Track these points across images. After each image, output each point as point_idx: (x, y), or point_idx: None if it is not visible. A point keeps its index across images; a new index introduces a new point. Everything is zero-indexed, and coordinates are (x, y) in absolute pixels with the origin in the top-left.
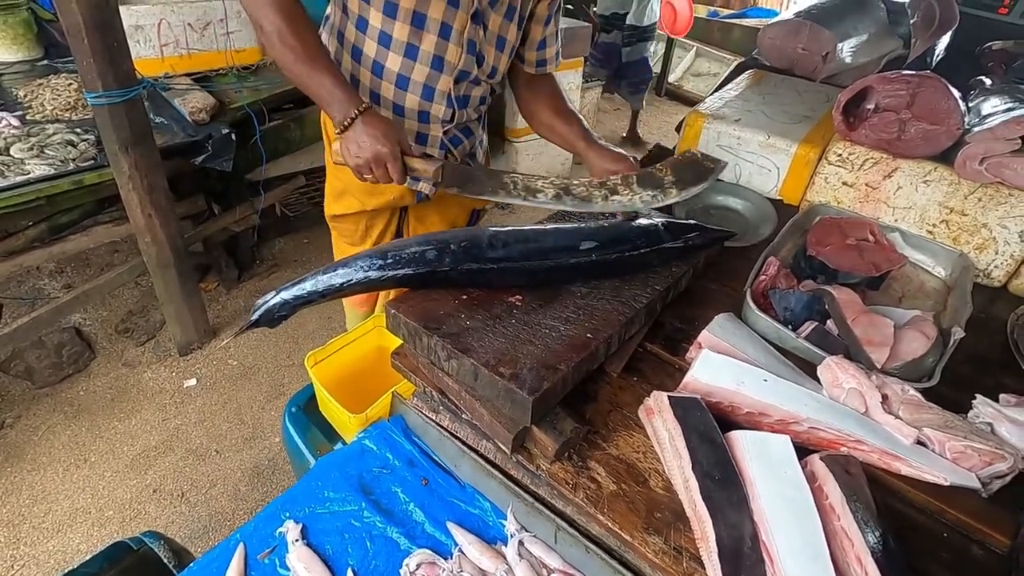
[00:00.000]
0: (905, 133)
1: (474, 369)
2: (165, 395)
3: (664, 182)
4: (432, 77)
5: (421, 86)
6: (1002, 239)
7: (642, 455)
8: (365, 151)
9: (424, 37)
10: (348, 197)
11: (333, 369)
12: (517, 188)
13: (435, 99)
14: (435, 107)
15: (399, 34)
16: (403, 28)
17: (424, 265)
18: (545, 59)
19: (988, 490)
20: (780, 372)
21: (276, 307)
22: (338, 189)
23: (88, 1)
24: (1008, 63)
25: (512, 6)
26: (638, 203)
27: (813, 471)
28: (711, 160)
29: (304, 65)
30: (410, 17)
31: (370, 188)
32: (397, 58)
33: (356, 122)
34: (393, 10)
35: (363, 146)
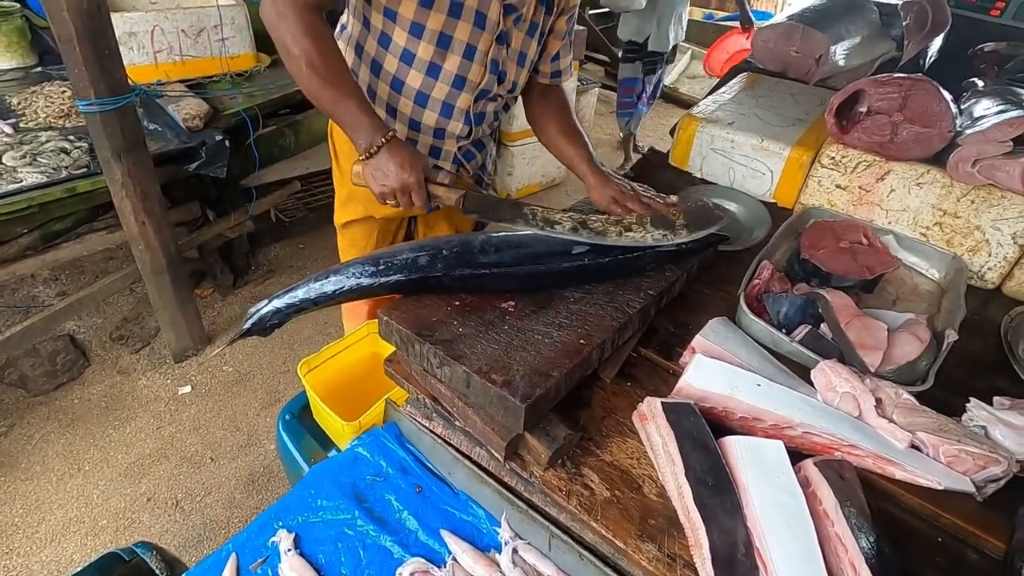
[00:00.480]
0: (897, 136)
1: (466, 376)
2: (160, 403)
3: (676, 224)
4: (452, 95)
5: (440, 103)
6: (995, 241)
7: (636, 461)
8: (390, 180)
9: (448, 57)
10: (354, 203)
11: (327, 376)
12: (536, 219)
13: (453, 116)
14: (452, 124)
15: (423, 53)
16: (428, 48)
17: (416, 271)
18: (560, 70)
19: (983, 494)
20: (774, 376)
21: (268, 315)
22: (343, 196)
23: (80, 10)
24: (1000, 65)
25: (534, 23)
26: (649, 240)
27: (807, 476)
28: (721, 209)
29: (331, 90)
30: (436, 38)
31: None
32: (419, 76)
33: (382, 151)
34: (420, 30)
35: (388, 175)
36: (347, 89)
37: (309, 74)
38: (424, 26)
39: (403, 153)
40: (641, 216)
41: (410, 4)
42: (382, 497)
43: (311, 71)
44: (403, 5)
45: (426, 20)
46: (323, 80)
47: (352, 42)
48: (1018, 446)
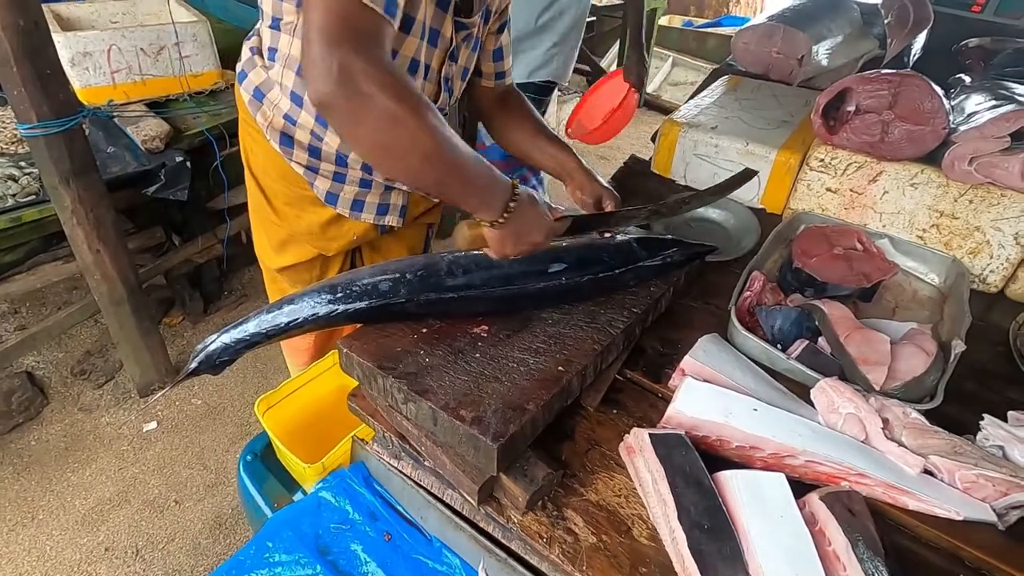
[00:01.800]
0: (888, 135)
1: (432, 413)
2: (123, 441)
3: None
4: None
5: None
6: (996, 242)
7: (624, 499)
8: (535, 236)
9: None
10: (299, 245)
11: (290, 412)
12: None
13: None
14: None
15: None
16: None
17: (378, 297)
18: (504, 71)
19: (1004, 522)
20: (771, 398)
21: (217, 352)
22: (281, 238)
23: (16, 28)
24: (986, 60)
25: (478, 38)
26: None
27: (813, 512)
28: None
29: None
30: (407, 64)
31: (328, 232)
32: None
33: (517, 212)
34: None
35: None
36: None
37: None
38: (399, 52)
39: (538, 207)
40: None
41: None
42: (347, 548)
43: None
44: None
45: (402, 47)
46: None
47: (292, 65)
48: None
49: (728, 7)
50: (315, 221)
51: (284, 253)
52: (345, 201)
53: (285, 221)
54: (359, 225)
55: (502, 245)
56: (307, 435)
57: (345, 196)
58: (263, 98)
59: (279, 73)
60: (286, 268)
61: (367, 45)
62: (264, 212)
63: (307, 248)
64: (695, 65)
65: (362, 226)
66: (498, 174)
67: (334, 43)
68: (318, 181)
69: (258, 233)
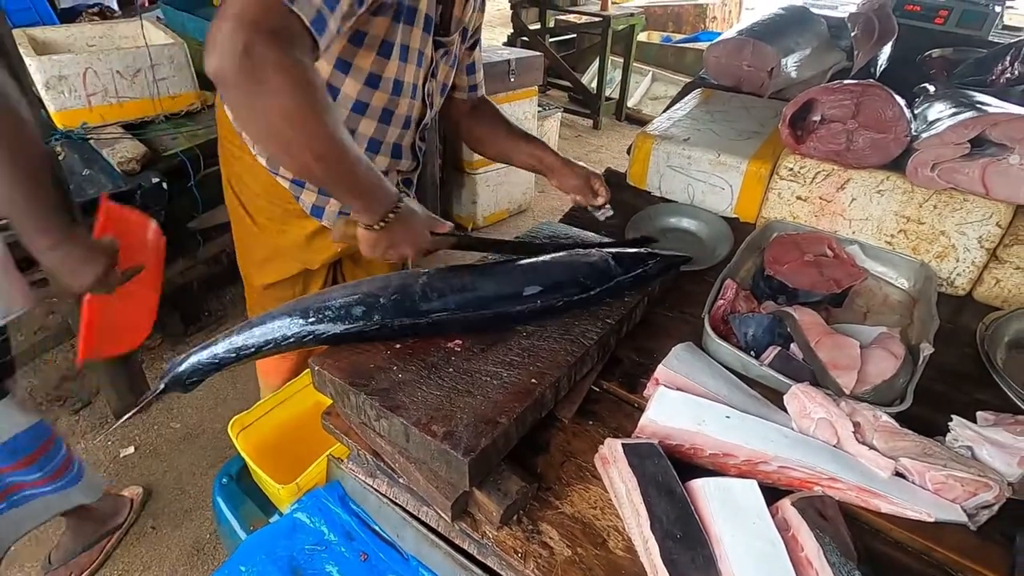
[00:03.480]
0: (853, 143)
1: (404, 429)
2: (99, 467)
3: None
4: (401, 135)
5: (391, 145)
6: (962, 246)
7: (600, 511)
8: (404, 249)
9: (400, 102)
10: (283, 260)
11: (265, 433)
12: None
13: (403, 155)
14: (403, 163)
15: (377, 101)
16: (382, 96)
17: (351, 322)
18: (476, 83)
19: (975, 522)
20: (745, 405)
21: (186, 373)
22: (264, 255)
23: None
24: (949, 69)
25: (456, 54)
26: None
27: (785, 518)
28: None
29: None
30: (391, 86)
31: (312, 245)
32: (372, 123)
33: (396, 222)
34: (377, 81)
35: (402, 244)
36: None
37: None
38: (381, 76)
39: (417, 221)
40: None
41: (368, 55)
42: (323, 569)
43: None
44: (360, 57)
45: (383, 70)
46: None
47: None
48: (1007, 466)
49: (705, 23)
50: (300, 235)
51: (268, 269)
52: (331, 214)
53: (269, 237)
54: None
55: (372, 248)
56: (283, 455)
57: (331, 209)
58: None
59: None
60: (271, 285)
61: (285, 41)
62: (248, 229)
63: (291, 263)
64: (674, 79)
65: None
66: (386, 184)
67: (248, 26)
68: (304, 195)
69: (242, 251)
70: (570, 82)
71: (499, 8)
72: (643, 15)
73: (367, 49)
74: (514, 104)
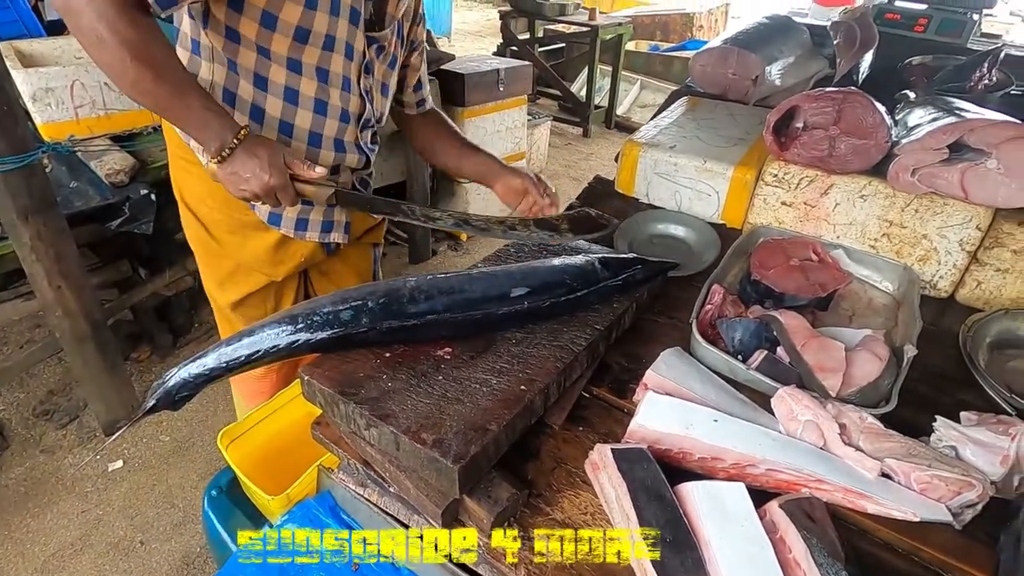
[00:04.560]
0: (836, 149)
1: (394, 437)
2: (87, 482)
3: (560, 227)
4: (341, 130)
5: (333, 140)
6: (943, 249)
7: (590, 516)
8: (252, 183)
9: (331, 92)
10: (245, 275)
11: (254, 444)
12: (416, 213)
13: (347, 150)
14: (348, 157)
15: (307, 89)
16: (311, 84)
17: (339, 327)
18: (424, 98)
19: (960, 521)
20: (732, 409)
21: (176, 388)
22: (228, 270)
23: None
24: (929, 76)
25: (394, 55)
26: (534, 239)
27: (773, 521)
28: (605, 218)
29: (167, 86)
30: (315, 73)
31: (276, 256)
32: (308, 114)
33: (237, 151)
34: (298, 66)
35: (249, 178)
36: (186, 83)
37: (137, 68)
38: (301, 61)
39: (261, 151)
40: (524, 219)
41: (284, 40)
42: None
43: (139, 63)
44: (276, 41)
45: (302, 55)
46: (156, 74)
47: (217, 89)
48: (990, 465)
49: (692, 32)
50: (261, 247)
51: (233, 285)
52: (289, 220)
53: (230, 251)
54: (305, 246)
55: (226, 183)
56: (273, 467)
57: (288, 215)
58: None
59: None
60: (239, 303)
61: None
62: (206, 245)
63: (256, 276)
64: (662, 87)
65: (308, 247)
66: (218, 112)
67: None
68: (204, 160)
69: (204, 271)
70: (559, 91)
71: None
72: (631, 24)
73: (280, 35)
74: (504, 113)
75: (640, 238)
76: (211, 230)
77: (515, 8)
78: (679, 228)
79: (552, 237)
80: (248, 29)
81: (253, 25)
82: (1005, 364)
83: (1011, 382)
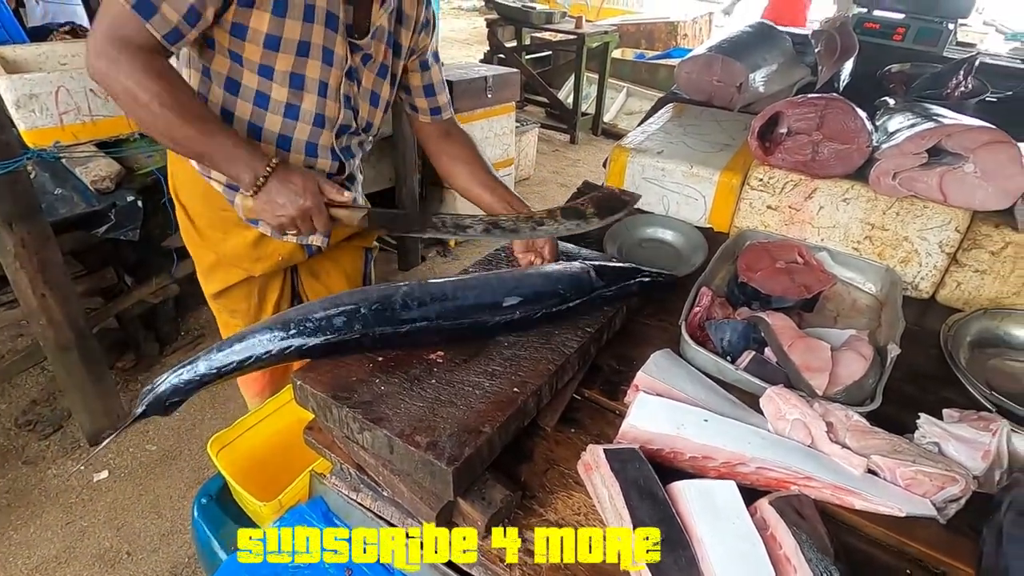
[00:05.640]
0: (819, 154)
1: (388, 440)
2: (71, 493)
3: (586, 213)
4: (314, 134)
5: (304, 143)
6: (924, 251)
7: (583, 517)
8: (288, 209)
9: (305, 97)
10: (225, 268)
11: (245, 451)
12: (447, 226)
13: (319, 155)
14: (320, 162)
15: (278, 95)
16: (282, 90)
17: (332, 332)
18: (438, 106)
19: (944, 515)
20: (722, 409)
21: (166, 394)
22: (210, 261)
23: None
24: (908, 83)
25: (384, 65)
26: (563, 231)
27: (764, 517)
28: (628, 194)
29: (195, 127)
30: (287, 79)
31: (254, 253)
32: (277, 119)
33: (271, 180)
34: (269, 72)
35: (285, 204)
36: (212, 123)
37: (166, 115)
38: (273, 68)
39: (295, 177)
40: (551, 210)
41: (255, 48)
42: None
43: (167, 110)
44: (247, 49)
45: (274, 62)
46: (183, 118)
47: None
48: (972, 461)
49: (676, 40)
50: (240, 243)
51: (214, 277)
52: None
53: (211, 244)
54: (284, 246)
55: (262, 213)
56: (264, 474)
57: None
58: None
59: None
60: (219, 294)
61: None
62: (192, 239)
63: (235, 270)
64: (648, 95)
65: (287, 247)
66: (247, 146)
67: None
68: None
69: (195, 262)
70: (547, 98)
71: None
72: (617, 33)
73: (251, 43)
74: (492, 120)
75: (629, 242)
76: (195, 221)
77: (502, 16)
78: (667, 232)
79: (579, 226)
80: (222, 37)
81: (225, 34)
82: (985, 362)
83: (991, 379)
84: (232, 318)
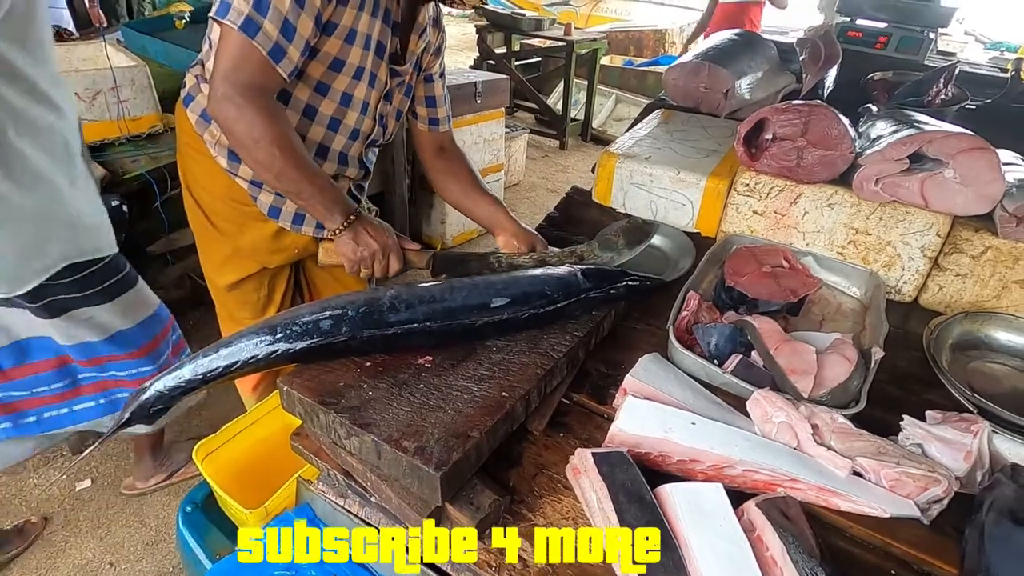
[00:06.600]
0: (803, 160)
1: (376, 446)
2: (53, 503)
3: (619, 245)
4: (347, 145)
5: (338, 153)
6: (906, 255)
7: (572, 521)
8: (372, 244)
9: (348, 113)
10: (241, 259)
11: (231, 457)
12: (502, 265)
13: (349, 164)
14: (350, 170)
15: (326, 109)
16: (331, 105)
17: (319, 336)
18: (437, 118)
19: (927, 516)
20: (709, 412)
21: (151, 400)
22: (225, 253)
23: None
24: (890, 91)
25: (409, 84)
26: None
27: (750, 520)
28: (649, 223)
29: (304, 171)
30: (339, 97)
31: (273, 245)
32: (321, 130)
33: (356, 223)
34: (326, 89)
35: (369, 241)
36: (314, 167)
37: (282, 157)
38: (331, 86)
39: (375, 222)
40: (590, 243)
41: (319, 67)
42: None
43: (283, 152)
44: (312, 67)
45: (333, 81)
46: (296, 163)
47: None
48: (954, 462)
49: (664, 47)
50: (258, 236)
51: (228, 269)
52: (287, 215)
53: (228, 239)
54: (300, 239)
55: (345, 248)
56: (251, 480)
57: (287, 210)
58: (211, 120)
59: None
60: (234, 286)
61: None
62: (207, 233)
63: (251, 262)
64: (636, 101)
65: (303, 239)
66: (341, 197)
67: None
68: (262, 195)
69: (203, 255)
70: (536, 104)
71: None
72: (605, 40)
73: (318, 63)
74: (481, 125)
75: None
76: (211, 217)
77: (492, 23)
78: (655, 237)
79: (612, 259)
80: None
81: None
82: (967, 365)
83: (972, 381)
84: (240, 310)
